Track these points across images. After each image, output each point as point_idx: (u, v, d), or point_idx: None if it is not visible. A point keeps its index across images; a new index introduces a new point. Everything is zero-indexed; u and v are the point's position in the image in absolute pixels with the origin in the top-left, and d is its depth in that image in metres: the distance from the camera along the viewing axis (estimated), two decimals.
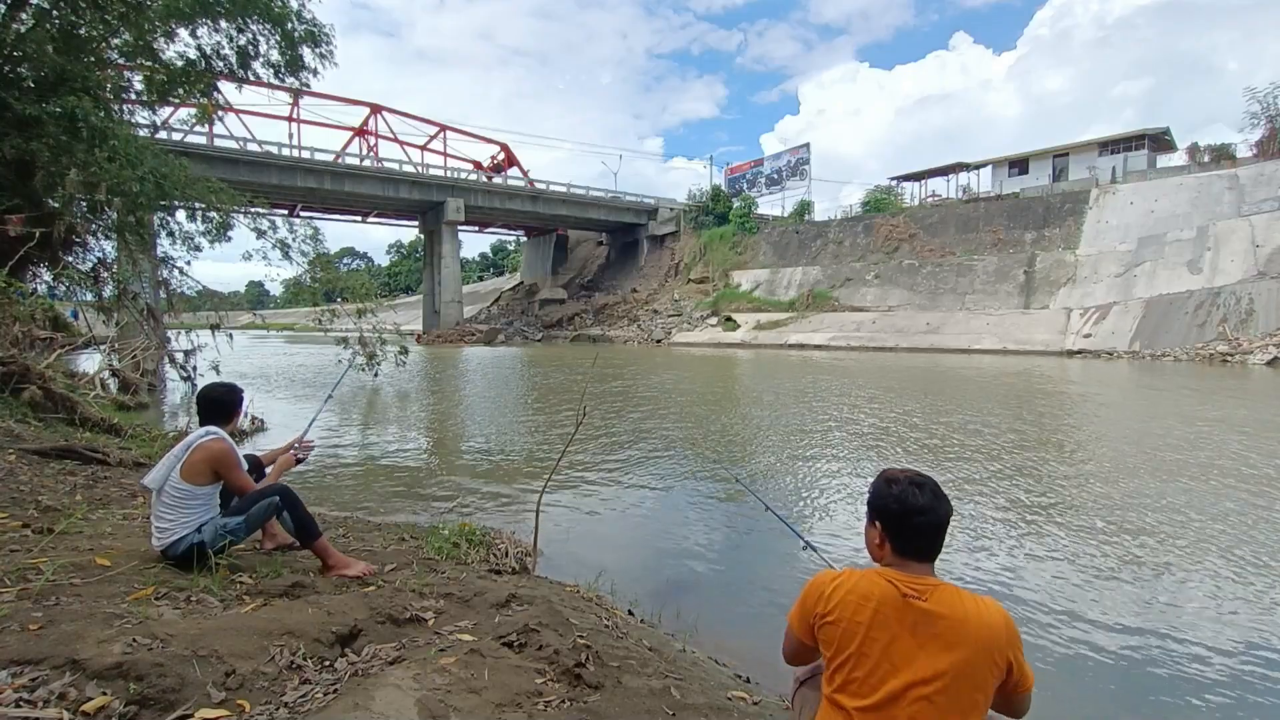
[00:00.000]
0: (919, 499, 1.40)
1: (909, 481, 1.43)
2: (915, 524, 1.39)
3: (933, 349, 27.77)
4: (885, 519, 1.43)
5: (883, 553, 1.45)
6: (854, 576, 1.41)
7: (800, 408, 11.34)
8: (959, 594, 1.36)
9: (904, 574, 1.38)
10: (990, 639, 1.31)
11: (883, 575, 1.39)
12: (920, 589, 1.34)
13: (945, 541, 1.44)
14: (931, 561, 1.42)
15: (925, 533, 1.40)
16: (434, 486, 6.19)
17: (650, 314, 42.81)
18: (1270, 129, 29.01)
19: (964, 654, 1.29)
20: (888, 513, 1.42)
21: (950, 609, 1.32)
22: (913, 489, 1.41)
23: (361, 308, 12.72)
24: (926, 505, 1.39)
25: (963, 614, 1.31)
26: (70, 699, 1.47)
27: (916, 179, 42.74)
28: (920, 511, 1.39)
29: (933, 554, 1.42)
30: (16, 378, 6.14)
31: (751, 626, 3.43)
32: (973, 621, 1.31)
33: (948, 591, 1.35)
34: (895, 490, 1.42)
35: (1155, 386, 14.67)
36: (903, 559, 1.41)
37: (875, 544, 1.47)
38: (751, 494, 4.20)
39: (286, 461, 3.02)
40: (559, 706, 1.79)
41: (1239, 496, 5.56)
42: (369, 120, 43.83)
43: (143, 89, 10.31)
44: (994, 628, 1.32)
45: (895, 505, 1.41)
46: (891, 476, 1.46)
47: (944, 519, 1.41)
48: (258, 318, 34.03)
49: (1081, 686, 2.85)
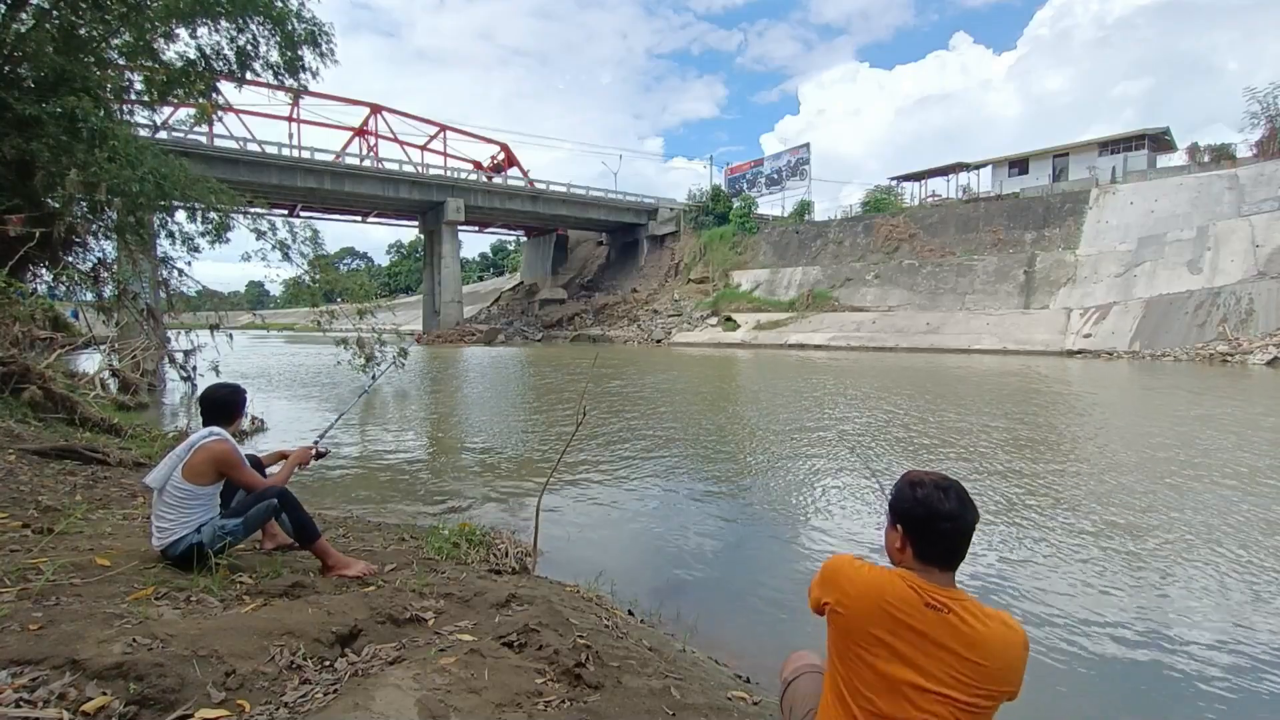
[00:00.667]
0: (945, 504, 1.34)
1: (934, 485, 1.37)
2: (940, 529, 1.34)
3: (933, 349, 27.77)
4: (908, 523, 1.38)
5: (903, 557, 1.39)
6: (873, 574, 1.37)
7: (800, 407, 11.33)
8: (983, 610, 1.32)
9: (926, 581, 1.33)
10: (1010, 658, 1.28)
11: (905, 579, 1.34)
12: (944, 600, 1.30)
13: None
14: (954, 569, 1.37)
15: (950, 539, 1.34)
16: (434, 486, 6.19)
17: (650, 314, 42.81)
18: (1270, 129, 29.00)
19: (981, 672, 1.26)
20: (911, 517, 1.37)
21: (973, 625, 1.28)
22: (938, 493, 1.35)
23: (361, 308, 12.72)
24: (953, 511, 1.33)
25: (985, 632, 1.28)
26: (70, 699, 1.47)
27: (916, 179, 42.73)
28: (947, 517, 1.33)
29: (955, 561, 1.36)
30: (16, 378, 6.14)
31: (751, 626, 3.43)
32: (996, 641, 1.27)
33: (972, 606, 1.31)
34: (919, 494, 1.37)
35: (1156, 386, 14.67)
36: (925, 565, 1.36)
37: (896, 547, 1.41)
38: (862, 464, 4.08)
39: (303, 455, 2.99)
40: (559, 706, 1.78)
41: (1243, 497, 5.57)
42: (369, 120, 43.83)
43: (143, 89, 10.30)
44: (1014, 649, 1.28)
45: (920, 509, 1.36)
46: (916, 479, 1.40)
47: (970, 526, 1.35)
48: (257, 318, 34.02)
49: (1082, 686, 2.85)
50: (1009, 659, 1.28)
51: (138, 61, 9.64)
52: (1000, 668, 1.27)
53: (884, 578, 1.35)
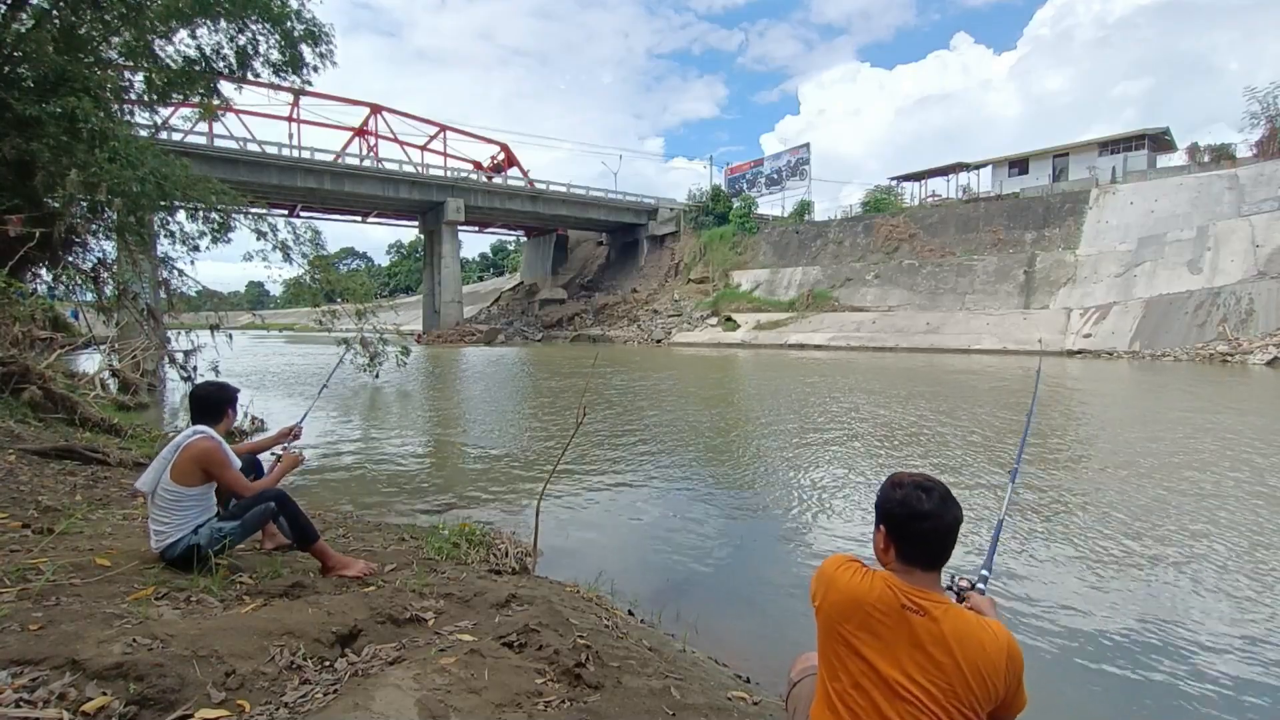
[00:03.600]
0: (924, 504, 1.34)
1: (914, 485, 1.37)
2: (920, 529, 1.34)
3: (933, 349, 27.77)
4: (890, 524, 1.38)
5: (888, 558, 1.40)
6: (857, 575, 1.37)
7: (799, 407, 11.33)
8: (963, 615, 1.31)
9: (907, 583, 1.33)
10: (986, 666, 1.26)
11: (885, 580, 1.34)
12: (921, 604, 1.30)
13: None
14: (938, 570, 1.37)
15: (930, 539, 1.34)
16: (434, 486, 6.19)
17: (650, 314, 42.82)
18: (1270, 129, 29.00)
19: (952, 676, 1.25)
20: (892, 517, 1.38)
21: (948, 629, 1.27)
22: (918, 493, 1.35)
23: (361, 308, 12.71)
24: (932, 510, 1.33)
25: (958, 635, 1.27)
26: (70, 699, 1.47)
27: (916, 179, 42.74)
28: (925, 517, 1.33)
29: (939, 562, 1.36)
30: (16, 378, 6.14)
31: (752, 626, 3.42)
32: (970, 644, 1.26)
33: (949, 610, 1.31)
34: (899, 494, 1.37)
35: (1157, 386, 14.67)
36: (908, 566, 1.36)
37: (881, 549, 1.42)
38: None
39: (291, 461, 2.99)
40: (559, 706, 1.78)
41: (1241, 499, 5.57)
42: (369, 120, 43.85)
43: (143, 89, 10.30)
44: (991, 655, 1.27)
45: (899, 510, 1.36)
46: (897, 480, 1.41)
47: (951, 526, 1.34)
48: (257, 318, 33.95)
49: (1082, 686, 2.85)
50: (985, 661, 1.26)
51: (138, 62, 9.64)
52: (976, 672, 1.25)
53: (867, 580, 1.36)
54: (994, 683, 1.27)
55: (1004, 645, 1.29)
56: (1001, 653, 1.28)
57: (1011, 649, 1.30)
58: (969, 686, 1.25)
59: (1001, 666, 1.27)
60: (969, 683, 1.25)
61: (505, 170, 49.76)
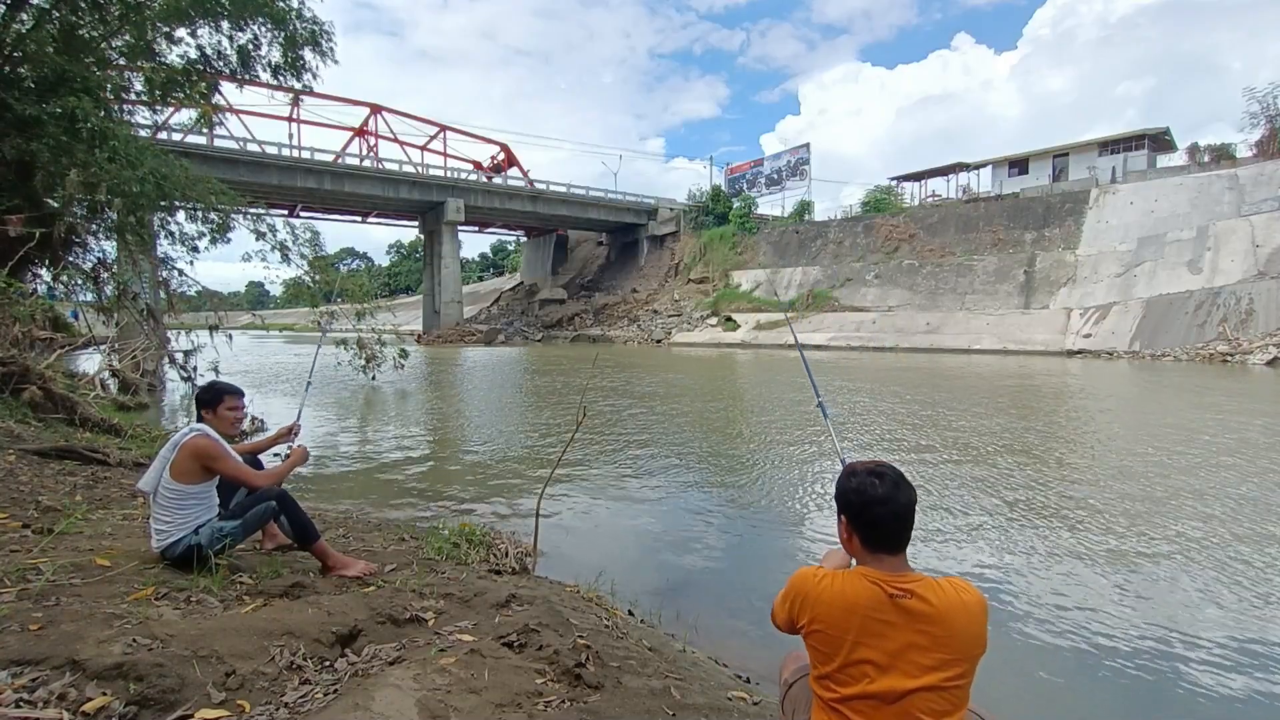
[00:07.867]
0: (877, 489, 1.36)
1: (867, 472, 1.40)
2: (875, 514, 1.36)
3: (933, 349, 27.77)
4: (850, 512, 1.40)
5: (852, 546, 1.42)
6: (837, 580, 1.37)
7: (800, 407, 11.33)
8: (938, 585, 1.34)
9: (882, 571, 1.35)
10: (976, 624, 1.31)
11: (865, 576, 1.35)
12: (904, 587, 1.32)
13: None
14: (901, 552, 1.38)
15: (887, 523, 1.36)
16: (434, 486, 6.19)
17: (650, 314, 42.82)
18: (1270, 129, 28.99)
19: (957, 645, 1.29)
20: (850, 505, 1.40)
21: (936, 602, 1.30)
22: (870, 479, 1.38)
23: (360, 309, 12.72)
24: (885, 495, 1.35)
25: (947, 605, 1.30)
26: (70, 699, 1.47)
27: (916, 179, 42.72)
28: (880, 502, 1.35)
29: (900, 545, 1.38)
30: (16, 378, 6.14)
31: (752, 626, 3.42)
32: (958, 611, 1.30)
33: (929, 585, 1.33)
34: (854, 483, 1.40)
35: (1156, 387, 14.67)
36: (873, 552, 1.38)
37: (844, 538, 1.44)
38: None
39: (300, 455, 2.99)
40: (559, 707, 1.78)
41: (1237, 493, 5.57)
42: (369, 120, 43.80)
43: (143, 89, 10.30)
44: (975, 611, 1.31)
45: (855, 497, 1.38)
46: (851, 469, 1.44)
47: (905, 508, 1.36)
48: (257, 318, 33.91)
49: (1082, 686, 2.85)
50: (974, 624, 1.31)
51: (138, 62, 9.64)
52: (967, 634, 1.30)
53: (847, 582, 1.36)
54: (982, 634, 1.32)
55: (978, 599, 1.34)
56: (980, 604, 1.33)
57: (981, 599, 1.35)
58: (968, 647, 1.30)
59: (984, 617, 1.33)
60: (968, 645, 1.30)
61: (505, 170, 49.74)
